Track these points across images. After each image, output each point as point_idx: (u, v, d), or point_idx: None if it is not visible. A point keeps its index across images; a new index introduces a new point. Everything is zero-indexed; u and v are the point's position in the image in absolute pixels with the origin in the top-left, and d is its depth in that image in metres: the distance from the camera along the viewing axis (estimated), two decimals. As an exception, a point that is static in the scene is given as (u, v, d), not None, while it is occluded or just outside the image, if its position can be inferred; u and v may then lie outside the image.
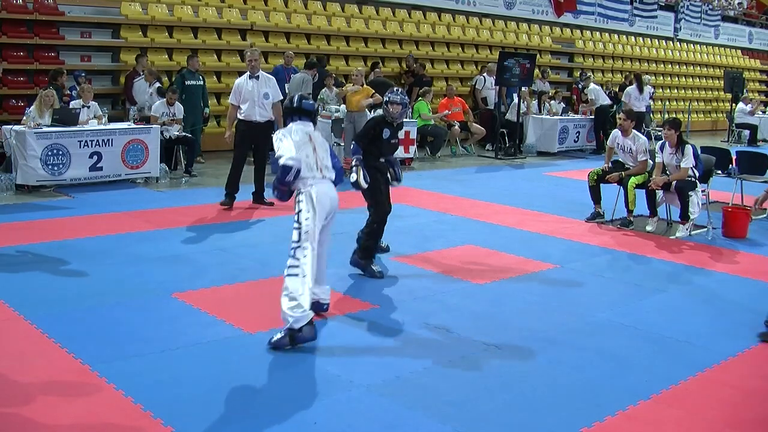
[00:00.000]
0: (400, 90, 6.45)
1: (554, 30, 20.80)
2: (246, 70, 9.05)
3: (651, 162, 8.63)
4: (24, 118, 9.45)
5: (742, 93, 20.95)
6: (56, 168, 9.30)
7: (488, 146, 15.50)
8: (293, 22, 15.04)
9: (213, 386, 4.12)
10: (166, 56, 13.20)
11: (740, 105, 19.73)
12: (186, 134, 11.02)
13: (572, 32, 21.33)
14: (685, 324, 5.46)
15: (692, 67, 24.93)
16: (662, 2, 24.31)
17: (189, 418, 3.75)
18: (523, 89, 15.17)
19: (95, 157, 9.65)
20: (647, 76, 18.17)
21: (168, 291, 5.68)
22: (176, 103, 10.90)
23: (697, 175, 8.33)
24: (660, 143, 8.55)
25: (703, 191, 8.52)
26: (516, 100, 15.06)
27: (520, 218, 8.88)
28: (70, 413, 3.76)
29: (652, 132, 15.94)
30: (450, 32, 17.81)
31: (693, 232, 8.32)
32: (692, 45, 25.46)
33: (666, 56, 24.05)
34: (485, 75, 16.05)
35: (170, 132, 10.76)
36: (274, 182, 4.84)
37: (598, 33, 22.07)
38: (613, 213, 8.84)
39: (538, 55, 17.87)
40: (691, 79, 24.73)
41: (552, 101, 16.18)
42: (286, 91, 11.89)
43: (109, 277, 5.97)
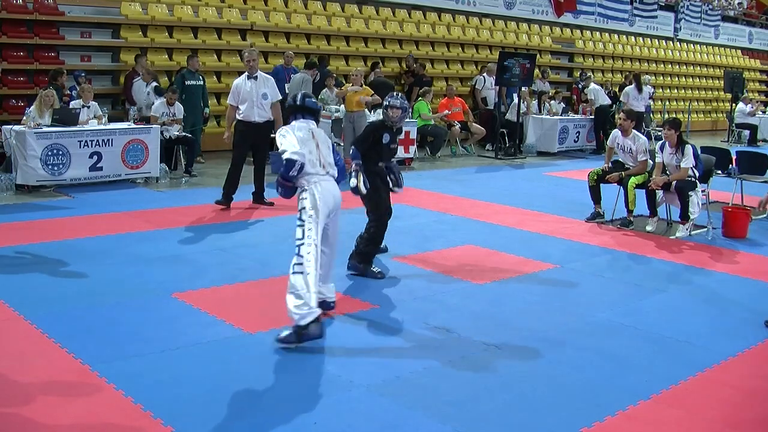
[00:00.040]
0: (401, 94, 6.44)
1: (554, 30, 20.79)
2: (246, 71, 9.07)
3: (651, 162, 8.64)
4: (24, 118, 9.45)
5: (742, 93, 20.95)
6: (56, 168, 9.30)
7: (488, 146, 15.49)
8: (293, 22, 15.04)
9: (213, 386, 4.12)
10: (166, 56, 13.20)
11: (740, 105, 19.74)
12: (186, 134, 11.02)
13: (572, 32, 21.32)
14: (685, 324, 5.46)
15: (692, 67, 24.93)
16: (662, 2, 24.30)
17: (189, 418, 3.75)
18: (523, 89, 15.17)
19: (95, 157, 9.65)
20: (647, 76, 18.17)
21: (168, 291, 5.68)
22: (176, 103, 10.89)
23: (697, 175, 8.34)
24: (660, 143, 8.55)
25: (703, 191, 8.52)
26: (516, 100, 15.05)
27: (520, 218, 8.88)
28: (70, 413, 3.76)
29: (652, 132, 15.94)
30: (450, 32, 17.81)
31: (693, 232, 8.32)
32: (692, 45, 25.45)
33: (666, 56, 24.05)
34: (485, 75, 16.05)
35: (170, 132, 10.76)
36: (278, 179, 4.85)
37: (598, 33, 22.06)
38: (613, 213, 8.84)
39: (538, 55, 17.87)
40: (691, 79, 24.73)
41: (552, 101, 16.18)
42: (286, 91, 11.90)
43: (109, 277, 5.97)
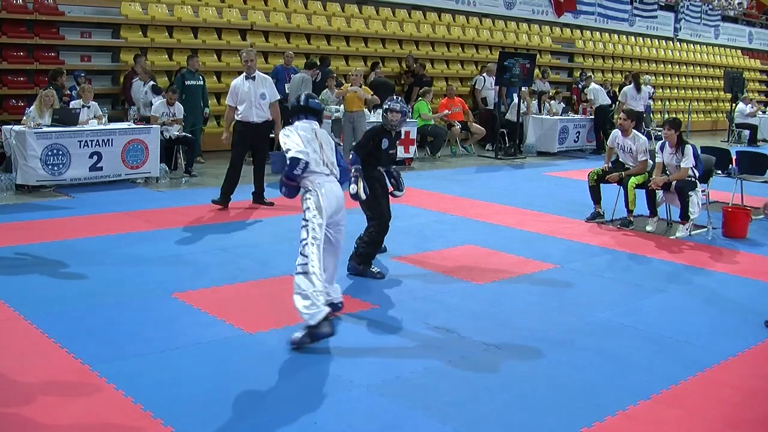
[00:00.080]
0: (401, 98, 6.44)
1: (554, 30, 20.79)
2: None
3: (651, 162, 8.64)
4: (24, 118, 9.45)
5: (742, 93, 20.94)
6: (56, 168, 9.30)
7: (488, 146, 15.49)
8: (293, 22, 15.04)
9: (213, 386, 4.12)
10: (166, 56, 13.20)
11: (740, 105, 19.73)
12: (186, 134, 11.02)
13: (572, 32, 21.32)
14: (685, 324, 5.46)
15: (692, 67, 24.93)
16: (662, 2, 24.30)
17: (189, 418, 3.75)
18: (523, 89, 15.17)
19: (95, 157, 9.65)
20: (647, 76, 18.17)
21: (168, 291, 5.68)
22: (176, 103, 10.89)
23: (697, 175, 8.33)
24: (660, 143, 8.55)
25: (703, 191, 8.52)
26: (516, 100, 15.05)
27: (520, 218, 8.88)
28: (70, 413, 3.76)
29: (652, 132, 15.94)
30: (450, 32, 17.81)
31: (693, 232, 8.32)
32: (692, 45, 25.45)
33: (666, 56, 24.05)
34: (485, 75, 16.04)
35: (170, 132, 10.76)
36: (282, 178, 4.86)
37: (598, 33, 22.06)
38: (613, 213, 8.84)
39: (538, 55, 17.87)
40: (691, 79, 24.73)
41: (552, 101, 16.19)
42: (286, 92, 11.90)
43: (109, 277, 5.97)
